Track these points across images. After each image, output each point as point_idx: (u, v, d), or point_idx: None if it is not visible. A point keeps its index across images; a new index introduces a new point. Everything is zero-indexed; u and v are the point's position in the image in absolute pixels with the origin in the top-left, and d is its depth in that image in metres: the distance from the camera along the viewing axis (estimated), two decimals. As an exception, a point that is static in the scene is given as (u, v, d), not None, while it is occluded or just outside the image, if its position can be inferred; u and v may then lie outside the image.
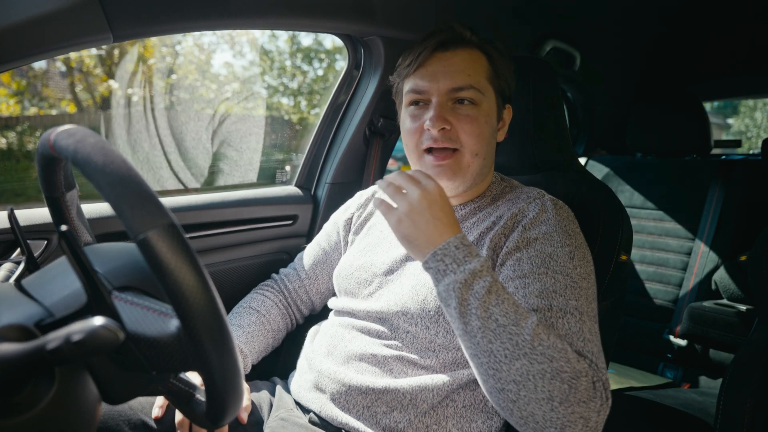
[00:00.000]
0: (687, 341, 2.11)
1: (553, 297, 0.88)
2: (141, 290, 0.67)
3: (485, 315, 0.79)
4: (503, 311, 0.79)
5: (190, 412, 0.74)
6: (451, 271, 0.82)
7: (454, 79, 1.00)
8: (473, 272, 0.81)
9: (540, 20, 1.88)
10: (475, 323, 0.79)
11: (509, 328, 0.78)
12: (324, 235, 1.32)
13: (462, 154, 1.02)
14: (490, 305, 0.79)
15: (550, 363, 0.77)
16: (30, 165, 2.17)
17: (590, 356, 0.83)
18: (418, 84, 1.03)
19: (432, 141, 1.01)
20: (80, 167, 0.58)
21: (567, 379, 0.76)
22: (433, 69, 1.02)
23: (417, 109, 1.04)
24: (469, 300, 0.80)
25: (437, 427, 0.93)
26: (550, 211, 0.99)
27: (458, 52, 1.02)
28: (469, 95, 1.01)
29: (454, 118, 1.01)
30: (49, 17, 0.86)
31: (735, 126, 13.63)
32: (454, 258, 0.82)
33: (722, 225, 2.19)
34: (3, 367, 0.49)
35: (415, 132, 1.03)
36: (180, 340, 0.60)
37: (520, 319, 0.79)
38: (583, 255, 0.96)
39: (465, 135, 1.01)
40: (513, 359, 0.77)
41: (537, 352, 0.77)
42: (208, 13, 1.07)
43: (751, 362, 0.93)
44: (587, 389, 0.77)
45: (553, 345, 0.78)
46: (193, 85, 3.42)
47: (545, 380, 0.76)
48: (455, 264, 0.82)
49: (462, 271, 0.81)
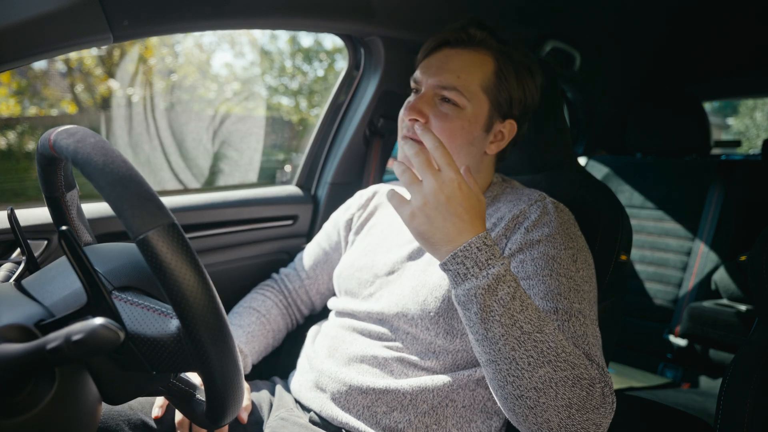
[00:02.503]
0: (687, 341, 2.11)
1: (558, 300, 0.87)
2: (141, 290, 0.67)
3: (510, 322, 0.74)
4: (528, 318, 0.75)
5: (190, 412, 0.74)
6: (473, 276, 0.75)
7: (442, 76, 1.00)
8: (497, 277, 0.75)
9: (540, 20, 1.88)
10: (497, 330, 0.75)
11: (534, 335, 0.75)
12: (324, 235, 1.32)
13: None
14: (515, 312, 0.75)
15: (573, 370, 0.75)
16: (30, 165, 2.17)
17: (597, 360, 0.83)
18: (416, 75, 1.05)
19: (405, 130, 1.02)
20: (80, 167, 0.58)
21: (586, 386, 0.76)
22: (431, 63, 1.03)
23: (411, 98, 1.05)
24: (492, 306, 0.75)
25: (437, 427, 0.93)
26: (552, 213, 0.99)
27: (462, 52, 1.02)
28: (451, 96, 0.99)
29: (432, 112, 1.00)
30: (49, 17, 0.86)
31: (735, 126, 13.62)
32: (476, 261, 0.76)
33: (722, 225, 2.19)
34: (3, 367, 0.49)
35: (401, 119, 1.04)
36: (180, 340, 0.60)
37: (544, 326, 0.76)
38: (585, 258, 0.96)
39: (436, 131, 0.99)
40: (537, 367, 0.74)
41: (561, 359, 0.75)
42: (208, 13, 1.07)
43: (751, 362, 0.93)
44: (600, 395, 0.77)
45: (573, 351, 0.77)
46: (194, 86, 3.42)
47: (566, 387, 0.75)
48: (477, 268, 0.75)
49: (485, 276, 0.75)
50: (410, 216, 0.79)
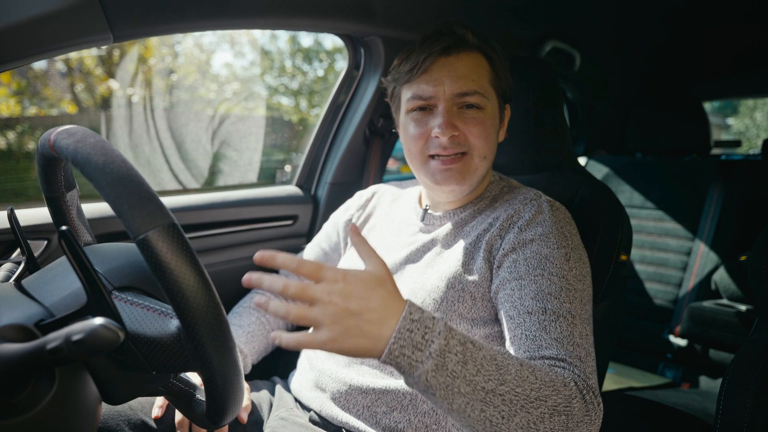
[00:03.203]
0: (687, 341, 2.11)
1: (548, 300, 0.88)
2: (141, 290, 0.67)
3: (469, 389, 0.70)
4: (486, 375, 0.71)
5: (190, 412, 0.74)
6: (418, 362, 0.68)
7: (460, 84, 0.99)
8: (441, 352, 0.69)
9: (540, 20, 1.88)
10: (460, 400, 0.71)
11: (498, 390, 0.72)
12: (324, 235, 1.32)
13: (471, 157, 1.01)
14: (471, 376, 0.70)
15: (546, 402, 0.74)
16: (30, 165, 2.17)
17: (573, 360, 0.82)
18: (423, 90, 1.01)
19: (440, 149, 1.00)
20: (80, 167, 0.58)
21: (563, 410, 0.75)
22: (437, 74, 1.00)
23: (421, 115, 1.03)
24: (447, 382, 0.69)
25: (437, 427, 0.93)
26: (547, 212, 0.99)
27: (461, 57, 1.01)
28: (475, 100, 1.00)
29: (462, 122, 1.00)
30: (49, 17, 0.86)
31: (735, 126, 13.62)
32: (414, 344, 0.68)
33: (722, 225, 2.19)
34: (3, 367, 0.49)
35: (420, 138, 1.02)
36: (180, 340, 0.60)
37: (504, 374, 0.73)
38: (579, 256, 0.96)
39: (473, 138, 1.00)
40: (511, 416, 0.72)
41: (531, 399, 0.73)
42: (208, 13, 1.07)
43: (751, 362, 0.93)
44: (581, 409, 0.76)
45: (541, 383, 0.75)
46: (194, 86, 3.42)
47: (545, 421, 0.74)
48: (418, 351, 0.68)
49: (429, 357, 0.68)
50: (324, 344, 0.66)
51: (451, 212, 1.08)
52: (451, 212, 1.08)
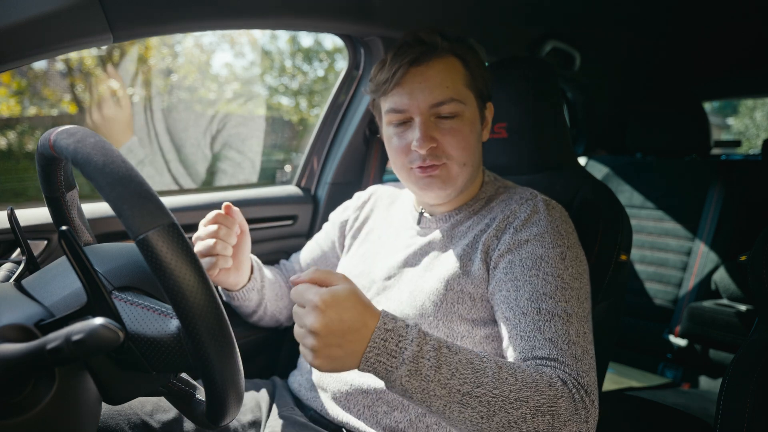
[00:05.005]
0: (687, 341, 2.11)
1: (543, 300, 0.88)
2: (141, 290, 0.67)
3: (445, 392, 0.73)
4: (462, 378, 0.74)
5: (190, 412, 0.74)
6: (393, 368, 0.72)
7: (434, 94, 0.98)
8: (414, 358, 0.72)
9: (540, 20, 1.88)
10: (438, 403, 0.73)
11: (474, 392, 0.73)
12: (323, 234, 1.33)
13: (450, 166, 1.01)
14: (446, 379, 0.73)
15: (526, 403, 0.74)
16: (30, 165, 2.17)
17: (566, 359, 0.82)
18: (398, 102, 1.00)
19: (420, 160, 0.99)
20: (80, 167, 0.58)
21: (547, 411, 0.75)
22: (410, 86, 0.99)
23: (400, 128, 1.02)
24: (422, 386, 0.73)
25: (437, 427, 0.93)
26: (542, 211, 0.99)
27: (433, 64, 0.99)
28: (451, 109, 0.99)
29: (439, 133, 0.99)
30: (49, 17, 0.86)
31: (735, 126, 13.62)
32: (389, 353, 0.72)
33: (722, 225, 2.19)
34: (3, 367, 0.49)
35: (402, 151, 1.02)
36: (180, 340, 0.60)
37: (481, 378, 0.74)
38: (575, 255, 0.96)
39: (451, 148, 0.99)
40: (491, 416, 0.74)
41: (511, 400, 0.74)
42: (208, 13, 1.07)
43: (751, 362, 0.93)
44: (568, 408, 0.76)
45: (522, 384, 0.75)
46: (194, 86, 3.42)
47: (527, 421, 0.74)
48: (392, 358, 0.72)
49: (403, 362, 0.72)
50: (318, 368, 0.73)
51: (447, 215, 1.09)
52: (447, 215, 1.09)
